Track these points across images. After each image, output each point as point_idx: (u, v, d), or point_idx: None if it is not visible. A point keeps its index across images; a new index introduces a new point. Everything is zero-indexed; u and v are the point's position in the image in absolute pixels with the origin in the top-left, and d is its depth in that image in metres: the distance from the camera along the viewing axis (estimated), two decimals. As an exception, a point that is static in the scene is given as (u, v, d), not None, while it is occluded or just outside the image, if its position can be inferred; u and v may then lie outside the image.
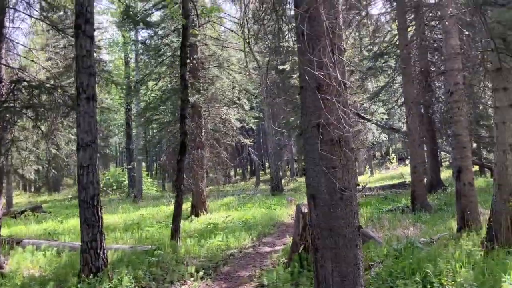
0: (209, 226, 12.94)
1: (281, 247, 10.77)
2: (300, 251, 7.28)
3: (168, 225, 14.07)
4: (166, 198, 25.34)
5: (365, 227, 10.36)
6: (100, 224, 7.01)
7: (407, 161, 48.31)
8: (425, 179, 17.95)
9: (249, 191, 31.66)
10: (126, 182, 33.32)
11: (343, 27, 3.15)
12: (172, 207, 20.08)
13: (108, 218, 17.20)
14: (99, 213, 7.03)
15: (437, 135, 19.44)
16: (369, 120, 27.90)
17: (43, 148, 10.18)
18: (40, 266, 8.29)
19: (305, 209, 8.24)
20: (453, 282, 5.61)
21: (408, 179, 25.88)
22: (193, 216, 15.90)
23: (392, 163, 44.92)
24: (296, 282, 6.67)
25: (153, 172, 54.35)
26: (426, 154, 19.82)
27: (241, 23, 4.87)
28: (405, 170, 39.88)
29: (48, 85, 8.22)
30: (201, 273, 7.80)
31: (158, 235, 11.82)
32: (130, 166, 28.00)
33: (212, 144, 17.34)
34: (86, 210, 6.95)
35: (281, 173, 28.82)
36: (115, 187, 34.69)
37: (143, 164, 35.55)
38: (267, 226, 13.94)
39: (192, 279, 7.65)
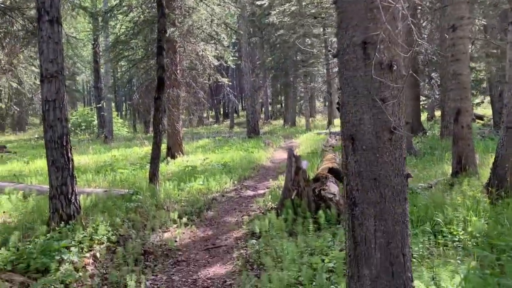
0: (187, 169, 12.27)
1: (264, 191, 10.27)
2: (293, 197, 6.72)
3: (143, 167, 13.33)
4: (139, 139, 24.40)
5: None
6: (70, 166, 6.19)
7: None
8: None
9: (224, 133, 30.97)
10: (95, 122, 32.00)
11: None
12: (145, 149, 19.36)
13: (79, 160, 16.29)
14: (69, 154, 6.19)
15: (420, 77, 18.93)
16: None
17: (2, 81, 9.01)
18: (4, 212, 7.47)
19: (297, 153, 7.61)
20: (463, 232, 5.19)
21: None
22: (169, 158, 15.15)
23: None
24: (290, 230, 6.14)
25: (123, 113, 52.68)
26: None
27: None
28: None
29: (2, 6, 7.00)
30: (184, 219, 7.20)
31: (134, 178, 11.07)
32: (100, 105, 26.62)
33: (188, 83, 16.31)
34: (54, 151, 6.09)
35: (257, 116, 28.08)
36: (84, 127, 33.35)
37: (113, 104, 34.02)
38: (247, 169, 13.40)
39: (175, 225, 7.04)
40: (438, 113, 28.36)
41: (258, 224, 6.24)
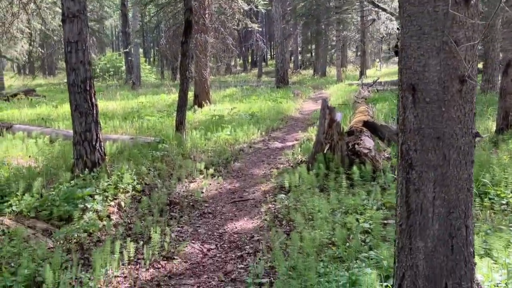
0: (214, 118, 12.00)
1: (293, 143, 9.95)
2: (325, 151, 6.36)
3: (170, 115, 13.15)
4: (166, 86, 24.17)
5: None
6: (94, 112, 5.95)
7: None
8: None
9: (252, 83, 30.38)
10: (123, 68, 31.83)
11: None
12: (172, 96, 19.13)
13: (106, 105, 16.24)
14: (93, 99, 5.94)
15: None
16: (384, 10, 25.76)
17: (26, 24, 8.71)
18: (29, 156, 7.42)
19: (330, 104, 7.18)
20: (512, 195, 4.77)
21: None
22: (196, 107, 14.90)
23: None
24: (321, 185, 5.83)
25: (151, 59, 52.37)
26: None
27: None
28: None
29: None
30: (211, 170, 6.97)
31: (160, 126, 10.89)
32: (127, 50, 26.29)
33: (217, 28, 15.71)
34: (77, 95, 5.85)
35: (286, 65, 27.28)
36: (112, 73, 33.24)
37: (140, 50, 33.54)
38: (275, 120, 13.04)
39: (201, 176, 6.83)
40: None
41: (288, 178, 5.94)
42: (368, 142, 6.60)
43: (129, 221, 5.10)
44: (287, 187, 5.88)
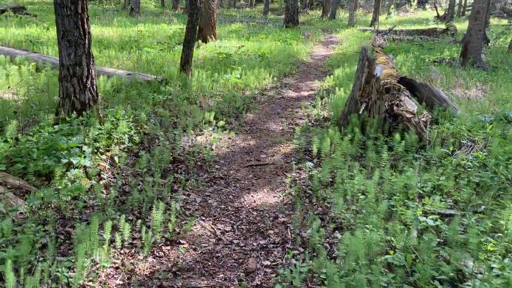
0: (220, 56, 10.79)
1: (309, 93, 8.92)
2: (361, 112, 5.34)
3: (172, 49, 11.90)
4: (167, 15, 22.47)
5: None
6: (86, 41, 4.81)
7: (427, 5, 44.23)
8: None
9: (258, 19, 28.55)
10: (121, -8, 29.71)
11: None
12: (174, 27, 17.61)
13: (102, 31, 14.83)
14: (85, 25, 4.78)
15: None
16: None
17: None
18: (9, 87, 6.31)
19: (373, 54, 6.08)
20: None
21: (440, 26, 22.99)
22: (200, 41, 13.54)
23: (411, 5, 41.28)
24: (358, 155, 4.87)
25: (151, -15, 49.26)
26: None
27: None
28: (424, 14, 36.39)
29: None
30: (221, 122, 5.95)
31: (162, 60, 9.71)
32: (127, -28, 24.22)
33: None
34: (66, 19, 4.68)
35: (297, 3, 25.42)
36: (109, -4, 31.10)
37: (141, -27, 30.96)
38: (287, 64, 11.89)
39: (210, 129, 5.80)
40: (502, 22, 25.34)
41: (316, 141, 4.94)
42: (409, 104, 5.58)
43: (124, 181, 4.15)
44: (315, 152, 4.91)
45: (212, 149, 5.21)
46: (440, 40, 18.09)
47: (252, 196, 4.20)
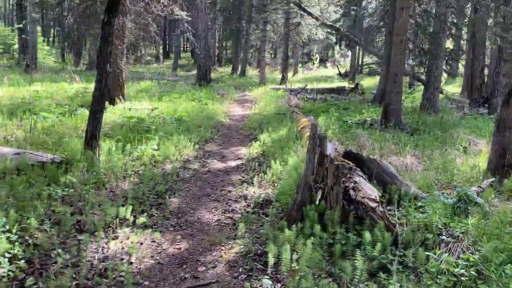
0: (131, 121, 9.53)
1: (236, 163, 7.96)
2: (317, 202, 4.40)
3: (73, 113, 10.41)
4: (68, 72, 20.63)
5: (341, 146, 7.62)
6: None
7: (328, 64, 46.65)
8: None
9: (168, 76, 27.60)
10: (16, 47, 27.20)
11: None
12: (76, 86, 15.89)
13: (-13, 92, 12.82)
14: None
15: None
16: (310, 14, 24.64)
17: None
18: None
19: (320, 131, 5.29)
20: None
21: (348, 84, 23.69)
22: (107, 103, 12.16)
23: (314, 64, 43.33)
24: (327, 268, 3.83)
25: (50, 39, 46.54)
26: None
27: None
28: (326, 72, 38.14)
29: None
30: (142, 219, 4.66)
31: (62, 129, 8.22)
32: (21, 26, 22.17)
33: (139, 12, 13.07)
34: None
35: (210, 61, 24.95)
36: (1, 50, 28.40)
37: (38, 28, 28.65)
38: (208, 128, 10.92)
39: (127, 229, 4.47)
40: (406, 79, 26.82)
41: (270, 247, 3.84)
42: (368, 188, 4.78)
43: None
44: (271, 262, 3.78)
45: (131, 263, 3.89)
46: (351, 99, 18.42)
47: None
